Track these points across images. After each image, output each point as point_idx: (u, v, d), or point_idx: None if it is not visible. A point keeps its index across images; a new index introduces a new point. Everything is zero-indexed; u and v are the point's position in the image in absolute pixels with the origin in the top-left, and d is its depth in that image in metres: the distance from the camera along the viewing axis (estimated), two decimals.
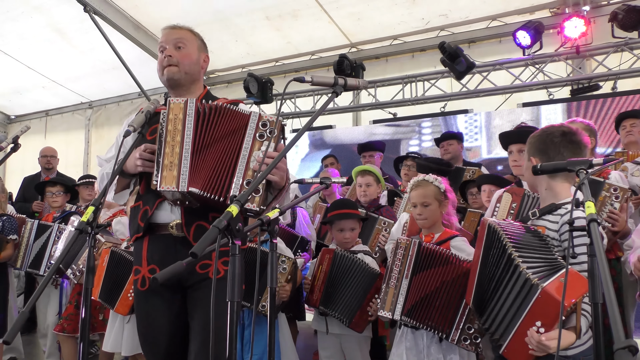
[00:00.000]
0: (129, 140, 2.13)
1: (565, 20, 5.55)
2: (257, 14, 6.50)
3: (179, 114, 2.00)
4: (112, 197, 2.26)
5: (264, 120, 1.98)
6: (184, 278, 2.10)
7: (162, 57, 2.22)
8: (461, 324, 2.45)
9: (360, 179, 4.07)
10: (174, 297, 2.13)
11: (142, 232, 2.15)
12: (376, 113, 7.11)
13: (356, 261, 3.10)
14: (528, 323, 1.76)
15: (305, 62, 7.44)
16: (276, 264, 1.71)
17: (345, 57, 6.12)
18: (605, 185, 2.84)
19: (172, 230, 2.10)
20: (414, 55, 6.97)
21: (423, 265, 2.56)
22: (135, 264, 2.22)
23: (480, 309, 2.08)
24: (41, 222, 4.43)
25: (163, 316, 2.12)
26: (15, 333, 1.28)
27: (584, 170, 1.58)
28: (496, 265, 1.96)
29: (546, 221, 2.06)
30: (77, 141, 9.06)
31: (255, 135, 1.97)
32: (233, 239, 1.33)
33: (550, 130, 2.18)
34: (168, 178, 1.94)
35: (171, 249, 2.10)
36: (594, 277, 1.34)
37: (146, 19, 6.85)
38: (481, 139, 6.31)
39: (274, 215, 1.64)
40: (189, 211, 2.09)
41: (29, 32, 6.97)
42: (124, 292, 3.22)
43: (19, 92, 8.75)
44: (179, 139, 1.98)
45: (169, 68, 2.20)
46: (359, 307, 3.02)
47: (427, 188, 2.82)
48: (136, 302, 2.24)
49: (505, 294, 1.89)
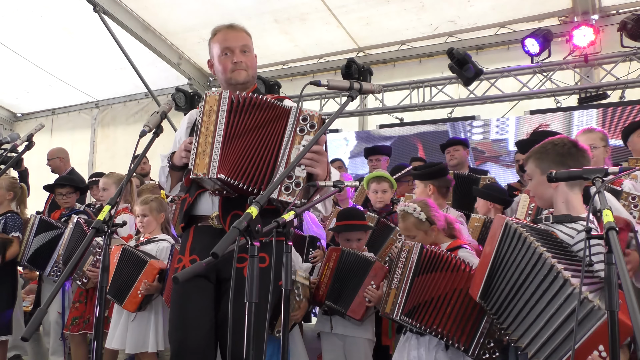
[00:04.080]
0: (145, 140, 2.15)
1: (574, 29, 5.56)
2: (265, 17, 6.51)
3: (213, 106, 2.09)
4: (169, 191, 2.40)
5: (305, 115, 2.03)
6: (220, 269, 2.17)
7: (230, 61, 2.32)
8: (482, 338, 2.43)
9: (376, 185, 4.06)
10: (209, 287, 2.19)
11: (184, 222, 2.27)
12: (383, 118, 7.12)
13: (358, 256, 3.14)
14: (588, 348, 1.65)
15: (312, 65, 7.45)
16: (290, 266, 1.71)
17: (353, 61, 6.14)
18: (622, 194, 2.84)
19: (212, 222, 2.20)
20: (422, 61, 6.98)
21: (426, 268, 2.56)
22: (180, 253, 2.31)
23: (494, 305, 2.04)
24: (43, 218, 4.38)
25: (195, 307, 2.17)
26: (34, 330, 1.28)
27: (600, 178, 1.58)
28: (523, 268, 1.91)
29: (558, 231, 2.04)
30: (82, 140, 9.07)
31: (296, 129, 2.02)
32: (252, 240, 1.33)
33: (562, 141, 2.17)
34: (200, 165, 2.02)
35: (212, 241, 2.12)
36: (611, 285, 1.34)
37: (155, 20, 6.85)
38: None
39: (289, 217, 1.64)
40: (227, 201, 2.16)
41: (38, 31, 6.98)
42: (133, 289, 3.24)
43: (26, 90, 8.76)
44: (212, 129, 2.06)
45: (239, 72, 2.34)
46: (354, 293, 3.03)
47: (408, 221, 2.84)
48: (173, 291, 2.32)
49: (540, 303, 1.81)
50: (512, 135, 6.29)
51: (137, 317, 3.34)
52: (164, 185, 2.43)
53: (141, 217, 3.55)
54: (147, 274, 3.23)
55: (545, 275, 1.78)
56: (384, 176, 4.15)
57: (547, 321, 1.76)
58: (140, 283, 3.22)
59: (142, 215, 3.55)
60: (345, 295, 3.10)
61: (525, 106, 6.24)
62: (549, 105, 6.07)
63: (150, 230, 3.55)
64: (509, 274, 1.97)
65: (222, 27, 2.41)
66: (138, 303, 3.24)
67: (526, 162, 2.27)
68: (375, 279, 2.99)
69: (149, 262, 3.25)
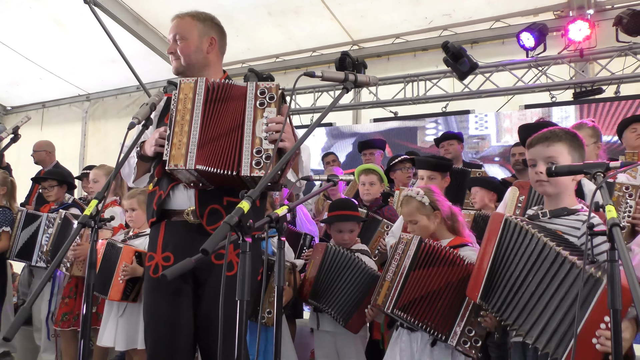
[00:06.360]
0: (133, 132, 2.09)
1: (569, 23, 5.52)
2: (259, 10, 6.44)
3: (188, 94, 2.02)
4: (133, 182, 2.28)
5: (262, 88, 1.99)
6: (197, 267, 2.07)
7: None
8: (461, 325, 2.40)
9: (364, 178, 4.03)
10: (185, 286, 2.12)
11: (156, 217, 2.16)
12: (377, 112, 7.08)
13: (353, 258, 3.06)
14: (595, 320, 1.64)
15: (306, 58, 7.37)
16: (284, 262, 1.66)
17: (347, 54, 6.10)
18: (616, 185, 2.81)
19: (187, 217, 2.10)
20: (416, 55, 6.92)
21: (423, 262, 2.50)
22: (149, 250, 2.21)
23: (496, 303, 2.02)
24: (29, 212, 4.39)
25: (171, 305, 2.10)
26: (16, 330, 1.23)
27: (601, 173, 1.54)
28: (526, 261, 1.90)
29: (561, 225, 2.02)
30: (73, 134, 8.96)
31: (256, 104, 1.98)
32: (244, 236, 1.28)
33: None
34: (177, 156, 1.95)
35: (187, 237, 2.09)
36: (614, 283, 1.30)
37: (147, 12, 6.77)
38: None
39: (282, 212, 1.59)
40: (203, 195, 2.09)
41: (28, 23, 6.87)
42: (115, 276, 3.18)
43: (16, 83, 8.64)
44: (188, 117, 1.99)
45: (173, 62, 2.31)
46: (357, 308, 2.98)
47: (410, 205, 2.75)
48: (145, 289, 2.25)
49: (547, 291, 1.81)
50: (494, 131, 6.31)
51: (126, 312, 3.28)
52: (125, 176, 2.32)
53: (130, 211, 3.49)
54: (123, 257, 3.18)
55: (552, 262, 1.78)
56: (373, 169, 4.12)
57: (557, 307, 1.77)
58: (119, 268, 3.16)
59: (130, 209, 3.48)
60: (336, 298, 3.04)
61: (519, 100, 6.20)
62: (543, 99, 6.04)
63: (140, 224, 3.48)
64: (511, 268, 1.95)
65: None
66: (122, 290, 3.17)
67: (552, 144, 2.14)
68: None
69: (123, 247, 3.21)
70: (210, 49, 2.31)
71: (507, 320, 1.95)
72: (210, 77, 2.21)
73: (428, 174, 3.53)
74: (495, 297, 2.01)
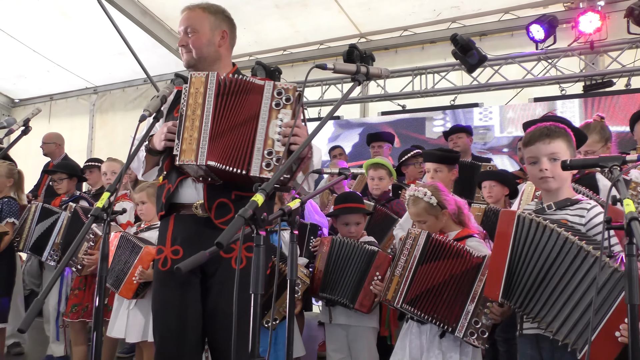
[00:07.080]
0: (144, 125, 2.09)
1: (580, 15, 5.47)
2: (266, 2, 6.41)
3: (200, 88, 1.99)
4: (142, 175, 2.28)
5: (279, 89, 1.96)
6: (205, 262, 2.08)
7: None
8: (468, 317, 2.42)
9: (372, 172, 4.02)
10: (193, 278, 2.11)
11: (164, 210, 2.16)
12: (384, 105, 7.05)
13: (358, 246, 3.07)
14: (621, 314, 1.66)
15: (313, 51, 7.34)
16: (296, 256, 1.66)
17: (355, 47, 6.05)
18: (631, 183, 2.78)
19: (196, 211, 2.10)
20: (424, 47, 6.88)
21: (431, 256, 2.53)
22: (159, 244, 2.21)
23: (518, 299, 2.03)
24: (45, 206, 4.37)
25: (180, 297, 2.10)
26: (30, 322, 1.23)
27: (618, 166, 1.53)
28: (547, 255, 1.91)
29: (567, 215, 2.04)
30: (81, 126, 8.99)
31: (272, 104, 1.95)
32: (257, 229, 1.28)
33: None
34: (187, 152, 1.93)
35: (195, 230, 2.09)
36: (632, 278, 1.29)
37: (154, 5, 6.75)
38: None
39: (295, 205, 1.58)
40: (212, 188, 2.08)
41: (35, 15, 6.87)
42: (129, 275, 3.18)
43: (24, 75, 8.66)
44: (199, 112, 1.97)
45: (184, 55, 2.25)
46: (360, 286, 2.98)
47: (418, 206, 2.77)
48: (154, 282, 2.24)
49: (570, 285, 1.84)
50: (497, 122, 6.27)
51: (137, 305, 3.28)
52: (135, 169, 2.31)
53: (140, 204, 3.49)
54: (142, 260, 3.17)
55: (574, 256, 1.80)
56: (382, 163, 4.10)
57: (579, 299, 1.80)
58: (135, 269, 3.15)
59: (140, 203, 3.49)
60: (343, 285, 3.04)
61: (529, 93, 6.16)
62: (553, 92, 5.99)
63: (150, 217, 3.49)
64: (531, 264, 1.95)
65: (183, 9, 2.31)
66: (134, 290, 3.17)
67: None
68: (380, 269, 2.94)
69: (144, 248, 3.20)
70: (222, 42, 2.28)
71: (530, 314, 1.97)
72: (220, 70, 2.19)
73: (434, 167, 3.54)
74: (516, 294, 2.02)
